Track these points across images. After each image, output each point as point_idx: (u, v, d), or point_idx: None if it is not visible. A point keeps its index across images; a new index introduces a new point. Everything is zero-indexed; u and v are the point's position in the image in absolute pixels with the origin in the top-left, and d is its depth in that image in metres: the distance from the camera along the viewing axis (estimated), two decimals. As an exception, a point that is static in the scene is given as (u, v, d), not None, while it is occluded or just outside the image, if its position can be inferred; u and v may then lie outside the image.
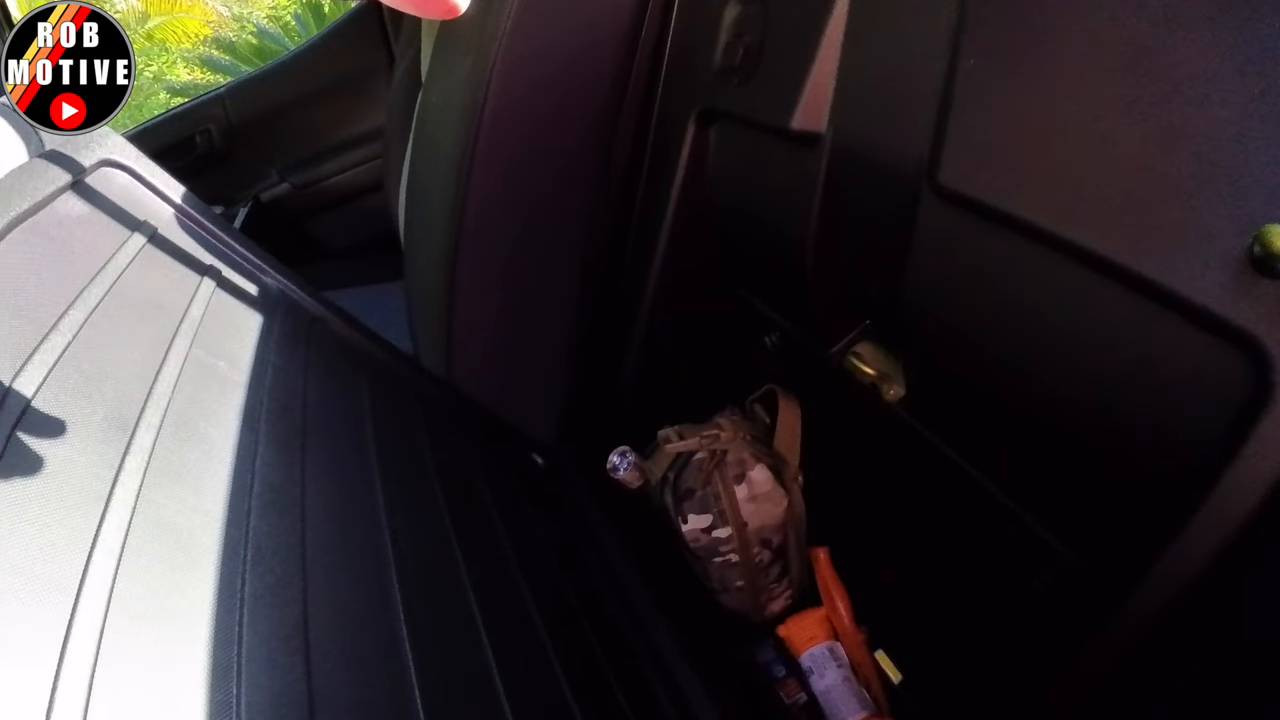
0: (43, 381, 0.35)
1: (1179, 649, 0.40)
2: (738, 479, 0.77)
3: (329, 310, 0.70)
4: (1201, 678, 0.39)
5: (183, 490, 0.38)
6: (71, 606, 0.28)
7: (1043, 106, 0.40)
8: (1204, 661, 0.39)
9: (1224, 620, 0.38)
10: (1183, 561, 0.37)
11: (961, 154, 0.43)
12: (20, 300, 0.39)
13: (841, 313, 0.61)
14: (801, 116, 0.55)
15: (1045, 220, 0.39)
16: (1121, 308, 0.36)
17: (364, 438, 0.58)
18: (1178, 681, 0.40)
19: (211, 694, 0.30)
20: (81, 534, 0.31)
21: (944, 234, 0.46)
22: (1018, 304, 0.43)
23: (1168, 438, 0.37)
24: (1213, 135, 0.33)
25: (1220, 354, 0.33)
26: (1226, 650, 0.38)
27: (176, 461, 0.38)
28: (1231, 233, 0.32)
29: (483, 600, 0.54)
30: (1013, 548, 0.52)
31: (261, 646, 0.34)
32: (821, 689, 0.75)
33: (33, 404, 0.34)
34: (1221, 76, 0.32)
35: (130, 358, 0.42)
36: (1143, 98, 0.35)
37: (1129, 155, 0.36)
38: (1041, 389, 0.44)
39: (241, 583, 0.36)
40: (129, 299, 0.46)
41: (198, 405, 0.44)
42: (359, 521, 0.50)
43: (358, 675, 0.40)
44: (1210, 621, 0.38)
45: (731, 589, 0.80)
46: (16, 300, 0.39)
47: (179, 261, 0.55)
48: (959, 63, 0.43)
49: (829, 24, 0.53)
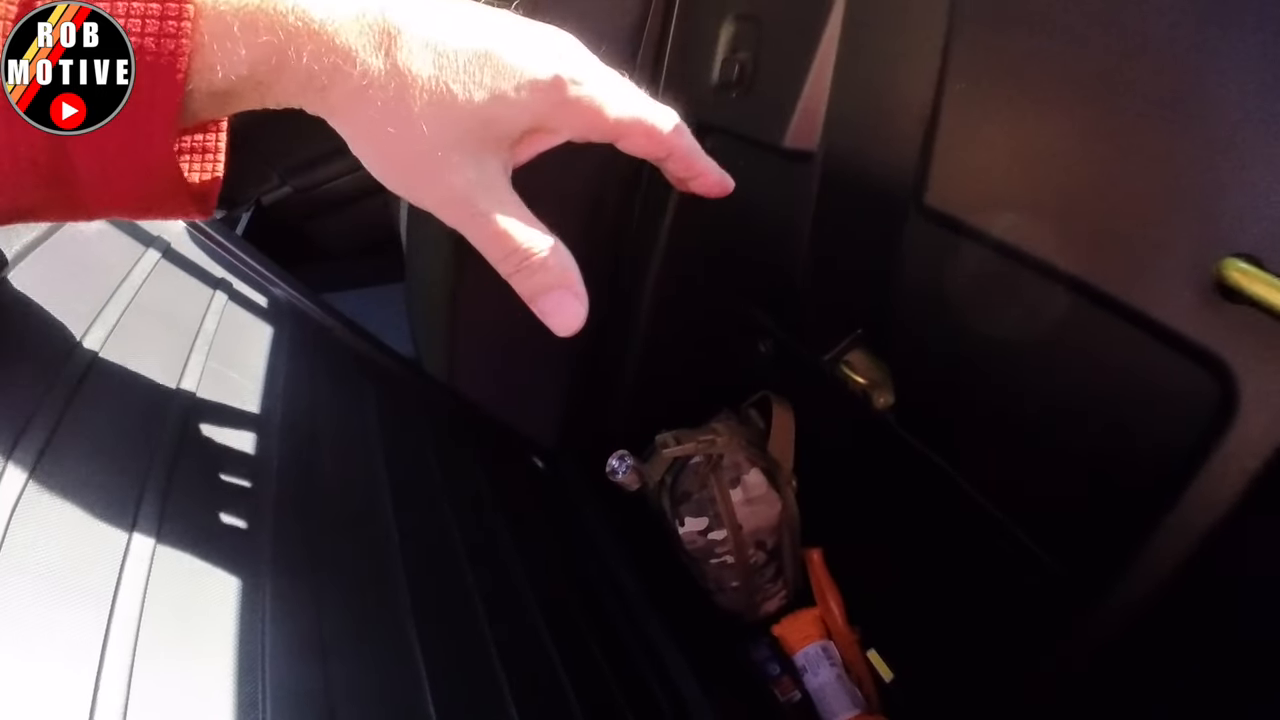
0: (70, 398, 0.37)
1: (1176, 650, 0.41)
2: (733, 482, 0.79)
3: (335, 319, 0.72)
4: (1202, 678, 0.41)
5: (204, 498, 0.40)
6: (109, 612, 0.30)
7: (1022, 131, 0.41)
8: (1204, 662, 0.41)
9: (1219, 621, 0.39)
10: (1154, 566, 0.39)
11: (946, 175, 0.45)
12: (44, 319, 0.41)
13: (834, 322, 0.63)
14: (794, 134, 0.57)
15: (1022, 242, 0.41)
16: (1095, 326, 0.38)
17: (372, 443, 0.60)
18: (1178, 681, 0.42)
19: (239, 691, 0.32)
20: (114, 544, 0.32)
21: (929, 251, 0.48)
22: (997, 320, 0.45)
23: (1138, 450, 0.39)
24: (1185, 161, 0.34)
25: (1188, 372, 0.35)
26: (1225, 650, 0.40)
27: (198, 471, 0.40)
28: (1199, 257, 0.34)
29: (486, 597, 0.56)
30: (999, 551, 0.54)
31: (282, 646, 0.36)
32: (815, 687, 0.77)
33: (63, 421, 0.35)
34: (1194, 105, 0.34)
35: (150, 371, 0.44)
36: (1118, 126, 0.37)
37: (1102, 179, 0.37)
38: (1019, 399, 0.46)
39: (263, 585, 0.37)
40: (147, 314, 0.48)
41: (215, 416, 0.45)
42: (369, 523, 0.52)
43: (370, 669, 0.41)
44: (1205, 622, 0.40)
45: (727, 589, 0.82)
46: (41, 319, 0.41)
47: (192, 276, 0.57)
48: (946, 86, 0.45)
49: (821, 44, 0.55)
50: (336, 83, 0.28)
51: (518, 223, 0.32)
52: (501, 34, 0.31)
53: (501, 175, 0.32)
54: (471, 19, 0.31)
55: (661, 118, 0.36)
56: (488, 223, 0.31)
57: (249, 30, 0.26)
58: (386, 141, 0.30)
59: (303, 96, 0.29)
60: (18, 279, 0.40)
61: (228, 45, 0.26)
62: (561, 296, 0.33)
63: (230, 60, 0.26)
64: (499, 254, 0.32)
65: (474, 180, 0.31)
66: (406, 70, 0.28)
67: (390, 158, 0.30)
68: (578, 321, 0.33)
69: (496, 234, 0.32)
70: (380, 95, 0.28)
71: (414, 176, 0.31)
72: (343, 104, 0.29)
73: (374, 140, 0.30)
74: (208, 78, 0.27)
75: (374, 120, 0.29)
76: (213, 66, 0.26)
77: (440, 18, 0.30)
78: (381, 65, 0.28)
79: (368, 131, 0.30)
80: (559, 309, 0.33)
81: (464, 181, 0.31)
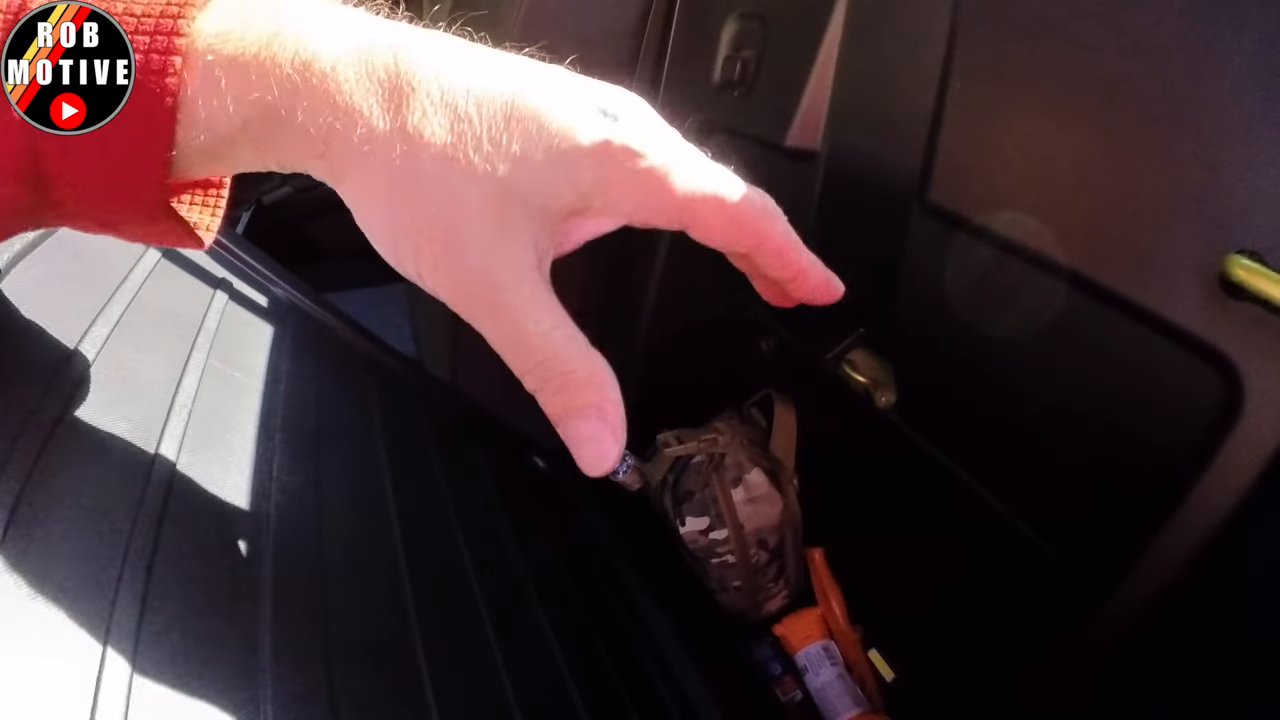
0: (72, 395, 0.37)
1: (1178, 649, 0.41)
2: (735, 482, 0.79)
3: (337, 318, 0.72)
4: (1203, 678, 0.41)
5: (206, 497, 0.40)
6: (109, 609, 0.30)
7: (1025, 128, 0.41)
8: (1205, 661, 0.40)
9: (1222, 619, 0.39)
10: (1158, 563, 0.38)
11: (950, 172, 0.45)
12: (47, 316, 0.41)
13: (836, 321, 0.63)
14: (797, 133, 0.57)
15: (1026, 238, 0.40)
16: (1099, 323, 0.38)
17: (375, 442, 0.60)
18: (1178, 681, 0.42)
19: (240, 691, 0.32)
20: (114, 544, 0.32)
21: (932, 249, 0.48)
22: (1000, 317, 0.45)
23: (1143, 447, 0.39)
24: (1188, 159, 0.34)
25: (1192, 369, 0.35)
26: (1227, 650, 0.39)
27: (200, 470, 0.40)
28: (1204, 255, 0.34)
29: (489, 596, 0.56)
30: (1003, 549, 0.54)
31: (284, 645, 0.36)
32: (817, 686, 0.77)
33: (64, 418, 0.35)
34: (1197, 102, 0.34)
35: (152, 369, 0.44)
36: (1121, 122, 0.37)
37: (1106, 177, 0.37)
38: (1023, 397, 0.46)
39: (264, 585, 0.37)
40: (148, 312, 0.48)
41: (217, 414, 0.45)
42: (372, 522, 0.52)
43: (373, 668, 0.41)
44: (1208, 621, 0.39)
45: (729, 589, 0.82)
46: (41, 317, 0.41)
47: (193, 274, 0.57)
48: (949, 85, 0.45)
49: (824, 43, 0.55)
50: (334, 146, 0.24)
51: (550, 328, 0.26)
52: (539, 89, 0.26)
53: (532, 266, 0.26)
54: (502, 70, 0.26)
55: (749, 199, 0.29)
56: (510, 324, 0.26)
57: (239, 82, 0.24)
58: (390, 213, 0.25)
59: (304, 160, 0.25)
60: (18, 277, 0.40)
61: (214, 103, 0.24)
62: (596, 429, 0.26)
63: (217, 118, 0.24)
64: (523, 366, 0.26)
65: (494, 268, 0.25)
66: (417, 133, 0.24)
67: (394, 232, 0.26)
68: (609, 463, 0.27)
69: (521, 339, 0.26)
70: (384, 160, 0.24)
71: (422, 256, 0.26)
72: (342, 169, 0.25)
73: (376, 210, 0.26)
74: (193, 134, 0.24)
75: (376, 187, 0.25)
76: (196, 123, 0.24)
77: (463, 68, 0.25)
78: (388, 125, 0.24)
79: (369, 200, 0.25)
80: (591, 442, 0.26)
81: (480, 269, 0.25)
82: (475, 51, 0.27)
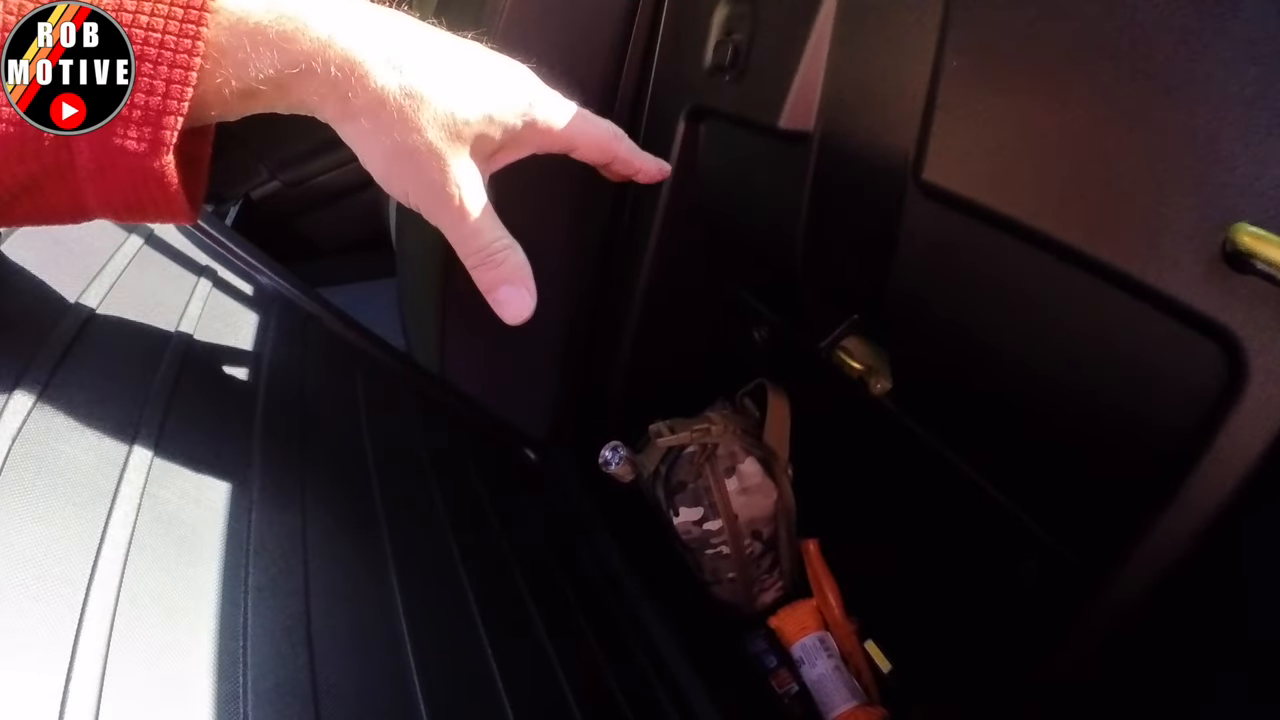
0: (48, 381, 0.36)
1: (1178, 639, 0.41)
2: (728, 472, 0.78)
3: (323, 308, 0.71)
4: (1204, 670, 0.40)
5: (186, 486, 0.38)
6: (83, 600, 0.29)
7: (1023, 105, 0.41)
8: (1206, 653, 0.40)
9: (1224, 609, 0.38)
10: (1160, 547, 0.38)
11: (945, 150, 0.44)
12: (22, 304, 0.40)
13: (829, 307, 0.62)
14: (790, 115, 0.56)
15: (1024, 215, 0.40)
16: (1100, 300, 0.38)
17: (360, 434, 0.59)
18: (1179, 677, 0.41)
19: (219, 684, 0.31)
20: (90, 530, 0.31)
21: (928, 229, 0.47)
22: (999, 297, 0.44)
23: (1144, 427, 0.39)
24: (1189, 134, 0.34)
25: (1195, 345, 0.34)
26: (1228, 641, 0.39)
27: (180, 458, 0.39)
28: (1206, 228, 0.33)
29: (478, 589, 0.55)
30: (1000, 537, 0.53)
31: (266, 637, 0.35)
32: (813, 679, 0.77)
33: (38, 404, 0.34)
34: (1198, 77, 0.33)
35: (132, 356, 0.43)
36: (1119, 97, 0.36)
37: (1106, 152, 0.37)
38: (1021, 380, 0.45)
39: (245, 575, 0.36)
40: (129, 299, 0.47)
41: (199, 403, 0.44)
42: (357, 515, 0.51)
43: (358, 662, 0.40)
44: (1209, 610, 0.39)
45: (724, 580, 0.82)
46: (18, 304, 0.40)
47: (175, 262, 0.56)
48: (944, 62, 0.44)
49: (817, 23, 0.54)
50: (359, 93, 0.34)
51: (488, 224, 0.39)
52: (485, 68, 0.39)
53: (480, 182, 0.39)
54: (463, 54, 0.38)
55: (603, 131, 0.46)
56: (463, 220, 0.38)
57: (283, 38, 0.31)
58: (392, 147, 0.35)
59: (322, 105, 0.34)
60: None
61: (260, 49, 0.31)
62: (515, 291, 0.40)
63: (260, 63, 0.31)
64: (468, 248, 0.39)
65: (458, 183, 0.37)
66: (418, 92, 0.35)
67: (392, 160, 0.36)
68: (527, 312, 0.40)
69: (469, 230, 0.38)
70: (394, 108, 0.34)
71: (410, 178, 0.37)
72: (361, 111, 0.34)
73: (380, 145, 0.36)
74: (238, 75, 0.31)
75: (383, 128, 0.35)
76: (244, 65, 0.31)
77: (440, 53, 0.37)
78: (396, 85, 0.34)
79: (374, 137, 0.35)
80: (512, 300, 0.40)
81: (450, 183, 0.37)
82: (448, 43, 0.38)
